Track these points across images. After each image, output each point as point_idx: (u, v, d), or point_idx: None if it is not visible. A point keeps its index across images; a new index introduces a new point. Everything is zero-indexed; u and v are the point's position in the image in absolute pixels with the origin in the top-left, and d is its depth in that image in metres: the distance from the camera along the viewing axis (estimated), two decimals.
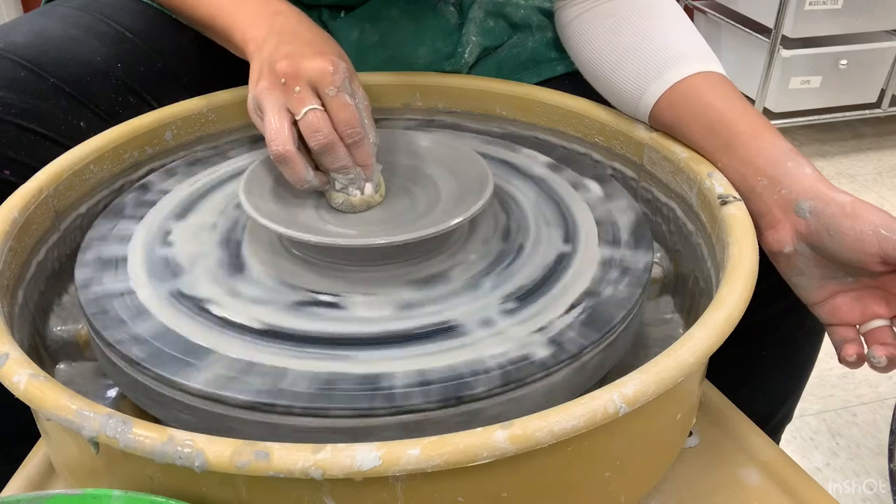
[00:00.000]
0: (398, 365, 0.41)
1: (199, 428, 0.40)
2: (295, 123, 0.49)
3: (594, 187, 0.57)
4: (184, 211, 0.55)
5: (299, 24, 0.55)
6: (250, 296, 0.46)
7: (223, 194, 0.57)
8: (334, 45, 0.54)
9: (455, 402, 0.39)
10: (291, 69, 0.49)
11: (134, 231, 0.52)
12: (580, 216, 0.54)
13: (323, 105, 0.49)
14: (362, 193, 0.52)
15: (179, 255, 0.50)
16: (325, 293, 0.47)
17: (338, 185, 0.51)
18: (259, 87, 0.50)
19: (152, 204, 0.55)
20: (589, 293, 0.46)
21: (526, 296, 0.46)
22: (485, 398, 0.40)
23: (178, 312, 0.45)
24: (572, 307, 0.45)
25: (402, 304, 0.46)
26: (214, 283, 0.47)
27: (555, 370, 0.41)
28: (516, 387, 0.40)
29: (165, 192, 0.57)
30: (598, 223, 0.53)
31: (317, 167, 0.52)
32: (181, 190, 0.57)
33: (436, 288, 0.47)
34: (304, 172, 0.50)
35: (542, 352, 0.42)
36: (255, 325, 0.44)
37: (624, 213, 0.54)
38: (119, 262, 0.49)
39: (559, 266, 0.49)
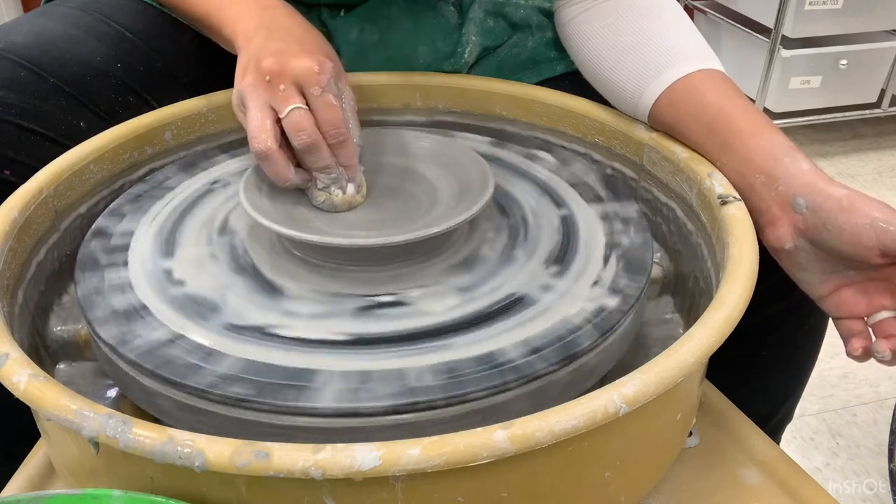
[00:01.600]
0: (501, 341, 0.42)
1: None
2: (278, 121, 0.49)
3: (547, 157, 0.61)
4: (168, 249, 0.51)
5: (290, 19, 0.55)
6: (308, 313, 0.45)
7: (197, 223, 0.54)
8: (323, 44, 0.54)
9: (570, 360, 0.42)
10: (277, 67, 0.49)
11: (129, 278, 0.48)
12: (554, 184, 0.57)
13: (308, 104, 0.49)
14: (344, 193, 0.52)
15: (201, 291, 0.47)
16: (382, 294, 0.47)
17: (320, 184, 0.51)
18: (244, 82, 0.50)
19: (125, 248, 0.51)
20: (611, 245, 0.50)
21: (561, 257, 0.49)
22: (590, 351, 0.43)
23: (248, 344, 0.42)
24: (606, 259, 0.49)
25: (460, 289, 0.47)
26: (261, 308, 0.45)
27: (628, 314, 0.45)
28: (609, 335, 0.44)
29: (130, 234, 0.52)
30: (573, 185, 0.57)
31: (299, 165, 0.51)
32: (144, 228, 0.53)
33: (480, 268, 0.49)
34: (285, 170, 0.49)
35: (611, 301, 0.45)
36: (339, 338, 0.43)
37: (587, 173, 0.58)
38: (141, 311, 0.45)
39: (568, 227, 0.52)
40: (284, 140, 0.50)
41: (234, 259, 0.50)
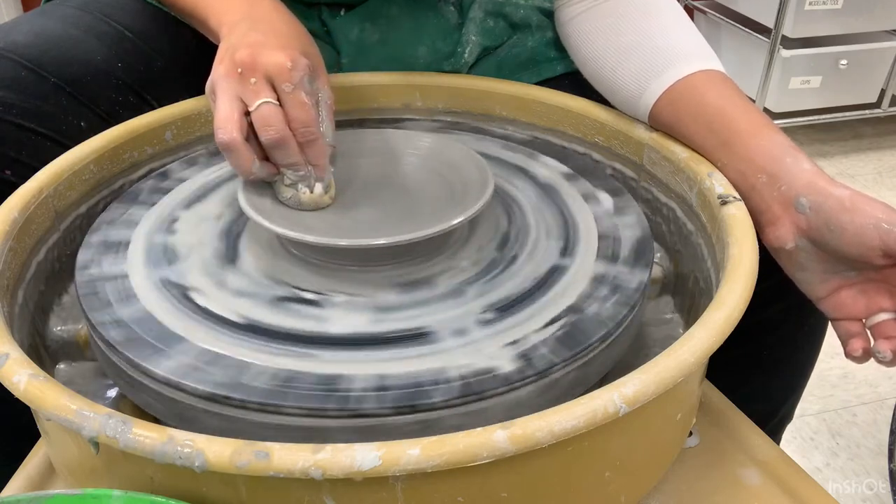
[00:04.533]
0: (360, 368, 0.41)
1: (166, 415, 0.41)
2: (248, 114, 0.49)
3: (605, 199, 0.55)
4: (194, 199, 0.56)
5: (273, 12, 0.55)
6: (235, 288, 0.47)
7: (235, 186, 0.56)
8: (303, 39, 0.54)
9: (409, 410, 0.39)
10: (250, 60, 0.48)
11: (143, 217, 0.54)
12: (583, 228, 0.52)
13: (279, 100, 0.49)
14: (311, 192, 0.51)
15: (179, 243, 0.51)
16: (308, 290, 0.47)
17: (287, 181, 0.51)
18: (217, 71, 0.50)
19: (167, 191, 0.57)
20: (573, 309, 0.45)
21: (507, 307, 0.45)
22: (442, 408, 0.39)
23: (161, 299, 0.46)
24: (552, 322, 0.44)
25: (381, 307, 0.45)
26: (205, 273, 0.48)
27: (519, 385, 0.40)
28: (476, 399, 0.39)
29: (183, 181, 0.58)
30: (602, 237, 0.51)
31: (267, 158, 0.51)
32: (197, 180, 0.58)
33: (419, 292, 0.46)
34: (248, 163, 0.49)
35: (508, 366, 0.41)
36: (232, 318, 0.44)
37: (630, 228, 0.52)
38: (121, 247, 0.51)
39: (550, 279, 0.47)
40: (253, 133, 0.49)
41: (231, 224, 0.53)
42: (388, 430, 0.39)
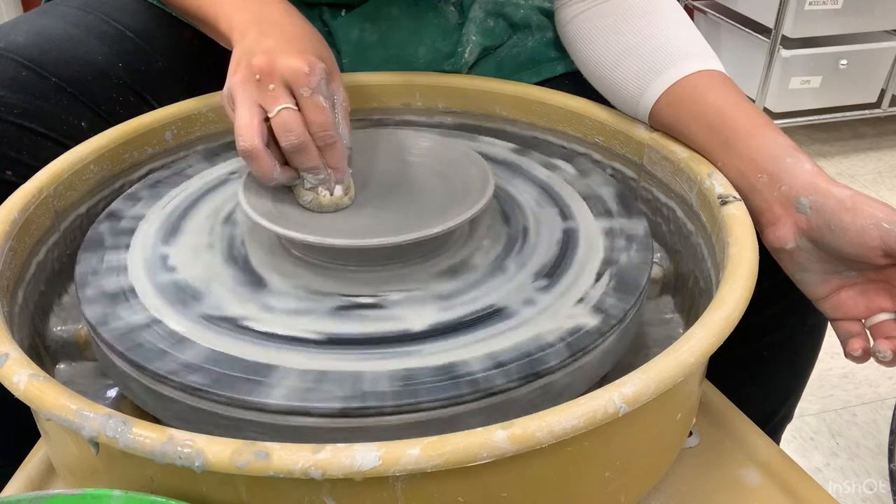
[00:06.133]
0: (466, 352, 0.42)
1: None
2: (267, 120, 0.49)
3: (565, 166, 0.60)
4: (170, 234, 0.52)
5: (285, 15, 0.55)
6: (285, 308, 0.45)
7: (204, 212, 0.55)
8: (316, 43, 0.54)
9: (534, 378, 0.41)
10: (267, 66, 0.48)
11: (126, 260, 0.50)
12: (565, 194, 0.56)
13: (298, 104, 0.49)
14: (331, 195, 0.51)
15: (189, 278, 0.48)
16: (362, 295, 0.46)
17: (307, 184, 0.51)
18: (234, 78, 0.50)
19: (131, 232, 0.52)
20: (608, 262, 0.49)
21: (553, 271, 0.48)
22: (557, 370, 0.41)
23: (219, 335, 0.43)
24: (598, 277, 0.48)
25: (441, 296, 0.46)
26: (241, 301, 0.46)
27: (608, 335, 0.44)
28: (581, 355, 0.42)
29: (139, 218, 0.54)
30: (585, 198, 0.56)
31: (286, 162, 0.51)
32: (155, 214, 0.54)
33: (467, 276, 0.48)
34: (270, 170, 0.49)
35: (591, 321, 0.44)
36: (310, 336, 0.43)
37: (603, 186, 0.57)
38: (128, 294, 0.47)
39: (569, 241, 0.51)
40: (272, 138, 0.49)
41: (230, 250, 0.51)
42: (514, 404, 0.41)
